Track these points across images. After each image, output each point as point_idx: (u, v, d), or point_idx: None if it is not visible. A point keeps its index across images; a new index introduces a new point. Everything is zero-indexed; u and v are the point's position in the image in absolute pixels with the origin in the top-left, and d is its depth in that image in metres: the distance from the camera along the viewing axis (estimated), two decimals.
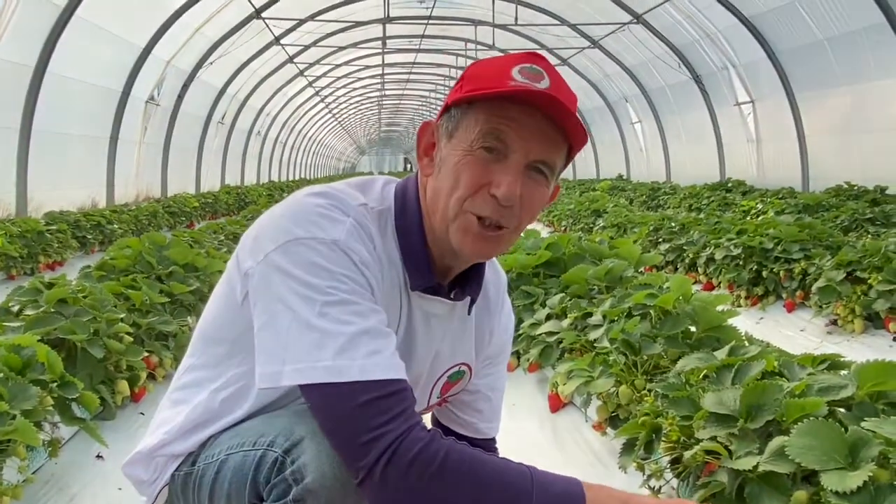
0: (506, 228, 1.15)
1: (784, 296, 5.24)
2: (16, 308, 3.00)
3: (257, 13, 12.65)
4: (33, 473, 2.30)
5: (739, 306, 5.35)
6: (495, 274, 1.41)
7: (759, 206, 9.38)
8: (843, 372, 1.92)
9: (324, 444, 1.06)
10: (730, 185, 13.03)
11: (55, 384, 2.34)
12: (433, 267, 1.22)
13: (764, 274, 5.38)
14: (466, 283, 1.28)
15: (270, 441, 1.10)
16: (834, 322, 4.61)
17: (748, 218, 8.12)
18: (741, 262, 5.57)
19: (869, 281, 4.42)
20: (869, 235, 6.68)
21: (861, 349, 4.11)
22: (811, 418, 1.56)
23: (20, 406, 2.07)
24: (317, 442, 1.07)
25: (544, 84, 1.10)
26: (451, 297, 1.26)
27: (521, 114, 1.10)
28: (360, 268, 1.11)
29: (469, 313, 1.33)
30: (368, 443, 1.01)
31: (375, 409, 1.02)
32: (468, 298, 1.30)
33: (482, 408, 1.47)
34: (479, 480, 1.02)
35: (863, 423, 1.53)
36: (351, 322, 1.06)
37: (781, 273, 5.26)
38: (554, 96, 1.09)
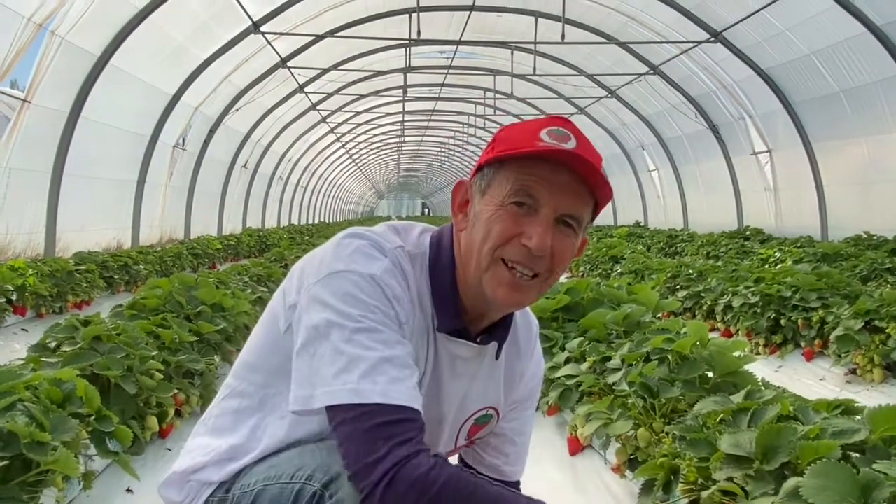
0: (538, 277, 1.22)
1: (803, 344, 5.23)
2: (53, 344, 3.12)
3: (283, 62, 13.06)
4: None
5: (758, 354, 5.35)
6: (526, 320, 1.46)
7: (778, 254, 9.39)
8: (857, 417, 1.96)
9: None
10: (748, 233, 13.05)
11: (92, 417, 2.43)
12: (462, 311, 1.29)
13: (782, 322, 5.38)
14: (494, 328, 1.34)
15: (309, 475, 1.14)
16: (853, 371, 4.60)
17: (766, 266, 8.13)
18: (759, 310, 5.57)
19: (887, 330, 4.43)
20: (889, 285, 6.67)
21: (881, 398, 4.10)
22: (825, 460, 1.61)
23: (60, 437, 2.15)
24: None
25: (571, 144, 1.19)
26: (478, 341, 1.32)
27: (549, 171, 1.19)
28: (392, 301, 1.19)
29: (497, 358, 1.38)
30: (373, 463, 1.06)
31: (386, 433, 1.08)
32: (495, 343, 1.35)
33: (508, 451, 1.51)
34: None
35: (874, 466, 1.58)
36: (375, 349, 1.12)
37: (800, 321, 5.26)
38: (580, 155, 1.17)
